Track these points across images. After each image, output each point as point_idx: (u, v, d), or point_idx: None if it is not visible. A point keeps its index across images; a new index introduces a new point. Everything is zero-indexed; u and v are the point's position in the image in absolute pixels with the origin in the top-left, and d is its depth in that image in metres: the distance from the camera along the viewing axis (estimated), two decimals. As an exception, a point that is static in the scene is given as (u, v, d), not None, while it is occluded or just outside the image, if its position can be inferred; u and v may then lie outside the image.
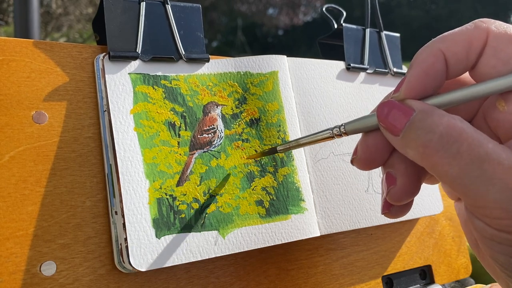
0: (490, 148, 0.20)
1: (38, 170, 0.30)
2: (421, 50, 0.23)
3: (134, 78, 0.33)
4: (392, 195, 0.24)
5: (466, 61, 0.22)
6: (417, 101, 0.22)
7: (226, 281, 0.35)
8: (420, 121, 0.21)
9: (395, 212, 0.25)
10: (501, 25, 0.22)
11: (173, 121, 0.34)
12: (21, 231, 0.28)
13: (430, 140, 0.21)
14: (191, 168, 0.34)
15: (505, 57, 0.21)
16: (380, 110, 0.23)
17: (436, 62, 0.22)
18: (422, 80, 0.22)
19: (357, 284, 0.41)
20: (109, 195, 0.31)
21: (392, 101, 0.23)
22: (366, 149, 0.24)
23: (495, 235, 0.20)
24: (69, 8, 4.59)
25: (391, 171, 0.24)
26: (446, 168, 0.20)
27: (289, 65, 0.40)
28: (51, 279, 0.29)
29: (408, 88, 0.23)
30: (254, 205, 0.35)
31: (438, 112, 0.21)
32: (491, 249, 0.21)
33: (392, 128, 0.22)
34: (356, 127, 0.25)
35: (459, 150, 0.20)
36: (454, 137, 0.20)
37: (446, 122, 0.20)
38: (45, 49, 0.31)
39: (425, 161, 0.21)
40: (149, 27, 0.34)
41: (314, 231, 0.37)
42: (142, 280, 0.32)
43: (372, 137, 0.24)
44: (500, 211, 0.19)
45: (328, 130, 0.27)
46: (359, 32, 0.46)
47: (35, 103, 0.30)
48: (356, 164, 0.25)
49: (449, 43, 0.22)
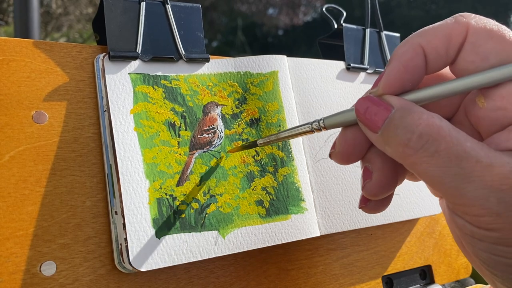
0: (468, 146, 0.20)
1: (38, 170, 0.29)
2: (400, 44, 0.23)
3: (134, 78, 0.33)
4: (367, 190, 0.24)
5: (445, 56, 0.22)
6: (395, 97, 0.22)
7: (226, 281, 0.35)
8: (399, 119, 0.21)
9: (372, 207, 0.25)
10: (481, 19, 0.22)
11: (173, 121, 0.34)
12: (21, 231, 0.28)
13: (409, 139, 0.20)
14: (191, 168, 0.34)
15: (484, 52, 0.21)
16: (359, 106, 0.23)
17: (415, 57, 0.22)
18: (401, 75, 0.22)
19: (357, 284, 0.41)
20: (109, 195, 0.31)
21: (370, 96, 0.23)
22: (344, 143, 0.24)
23: (475, 232, 0.20)
24: (69, 8, 4.59)
25: (368, 166, 0.24)
26: (425, 167, 0.20)
27: (289, 65, 0.40)
28: (51, 279, 0.29)
29: (387, 83, 0.22)
30: (254, 205, 0.35)
31: (417, 109, 0.21)
32: (473, 246, 0.21)
33: (371, 125, 0.22)
34: (335, 121, 0.25)
35: (438, 149, 0.20)
36: (433, 136, 0.20)
37: (425, 121, 0.20)
38: (45, 49, 0.31)
39: (404, 160, 0.21)
40: (149, 27, 0.34)
41: (314, 231, 0.37)
42: (142, 280, 0.32)
43: (350, 132, 0.24)
44: (479, 209, 0.19)
45: (307, 124, 0.27)
46: (359, 32, 0.46)
47: (35, 103, 0.30)
48: (334, 158, 0.25)
49: (429, 38, 0.22)
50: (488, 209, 0.19)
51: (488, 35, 0.21)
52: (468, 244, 0.21)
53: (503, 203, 0.19)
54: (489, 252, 0.20)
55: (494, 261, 0.21)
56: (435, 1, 6.82)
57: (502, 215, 0.19)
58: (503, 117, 0.21)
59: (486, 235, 0.20)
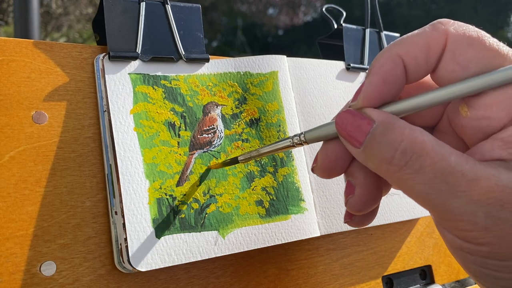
0: (453, 160, 0.19)
1: (38, 170, 0.30)
2: (379, 55, 0.22)
3: (134, 78, 0.33)
4: (350, 205, 0.23)
5: (425, 65, 0.22)
6: (376, 110, 0.22)
7: (226, 281, 0.35)
8: (380, 135, 0.21)
9: (357, 222, 0.25)
10: (460, 26, 0.21)
11: (173, 121, 0.34)
12: (21, 231, 0.28)
13: (393, 156, 0.20)
14: (191, 168, 0.34)
15: (464, 61, 0.21)
16: (339, 121, 0.22)
17: (394, 68, 0.21)
18: (380, 87, 0.21)
19: (357, 284, 0.41)
20: (109, 195, 0.31)
21: (351, 110, 0.22)
22: (325, 157, 0.24)
23: (465, 246, 0.20)
24: (69, 8, 4.59)
25: (351, 180, 0.24)
26: (410, 184, 0.20)
27: (289, 65, 0.40)
28: (51, 279, 0.29)
29: (366, 96, 0.22)
30: (254, 205, 0.35)
31: (399, 124, 0.20)
32: (463, 259, 0.21)
33: (352, 140, 0.22)
34: (316, 135, 0.24)
35: (422, 165, 0.19)
36: (417, 152, 0.20)
37: (408, 137, 0.20)
38: (45, 49, 0.31)
39: (388, 176, 0.21)
40: (149, 27, 0.34)
41: (314, 231, 0.37)
42: (142, 280, 0.32)
43: (331, 146, 0.24)
44: (466, 224, 0.19)
45: (288, 138, 0.26)
46: (359, 32, 0.46)
47: (35, 103, 0.30)
48: (317, 172, 0.24)
49: (407, 47, 0.21)
50: (475, 224, 0.19)
51: (468, 42, 0.21)
52: (458, 257, 0.21)
53: (490, 218, 0.19)
54: (478, 265, 0.20)
55: (484, 274, 0.21)
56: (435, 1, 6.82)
57: (490, 230, 0.19)
58: (486, 126, 0.21)
59: (475, 249, 0.20)
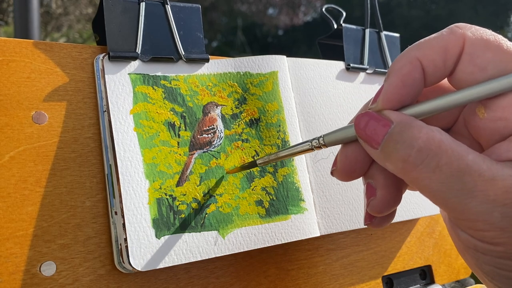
0: (470, 159, 0.19)
1: (38, 170, 0.30)
2: (398, 58, 0.22)
3: (134, 78, 0.33)
4: (372, 207, 0.24)
5: (443, 68, 0.22)
6: (395, 112, 0.22)
7: (226, 281, 0.35)
8: (398, 134, 0.21)
9: (377, 223, 0.25)
10: (477, 30, 0.22)
11: (173, 121, 0.34)
12: (21, 231, 0.28)
13: (409, 154, 0.20)
14: (191, 168, 0.34)
15: (482, 63, 0.21)
16: (358, 122, 0.23)
17: (413, 70, 0.22)
18: (400, 90, 0.22)
19: (357, 284, 0.41)
20: (109, 195, 0.31)
21: (370, 112, 0.22)
22: (345, 160, 0.24)
23: (479, 246, 0.20)
24: (69, 8, 4.59)
25: (371, 182, 0.24)
26: (427, 183, 0.20)
27: (289, 65, 0.40)
28: (51, 279, 0.29)
29: (386, 98, 0.22)
30: (254, 205, 0.35)
31: (417, 123, 0.21)
32: (476, 259, 0.21)
33: (371, 141, 0.22)
34: (335, 138, 0.25)
35: (439, 163, 0.20)
36: (433, 150, 0.20)
37: (425, 135, 0.20)
38: (45, 49, 0.31)
39: (405, 175, 0.21)
40: (148, 27, 0.34)
41: (314, 231, 0.37)
42: (142, 280, 0.32)
43: (351, 148, 0.24)
44: (483, 224, 0.19)
45: (307, 142, 0.27)
46: (358, 32, 0.46)
47: (35, 104, 0.30)
48: (336, 175, 0.25)
49: (426, 51, 0.22)
50: (492, 224, 0.19)
51: (485, 45, 0.21)
52: (472, 257, 0.21)
53: (507, 218, 0.19)
54: (492, 265, 0.20)
55: (497, 274, 0.21)
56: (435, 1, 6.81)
57: (506, 230, 0.19)
58: (503, 127, 0.21)
59: (490, 249, 0.20)
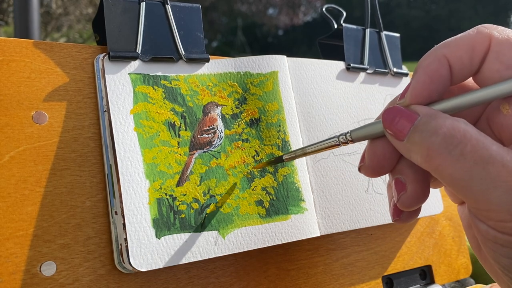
0: (494, 150, 0.20)
1: (38, 170, 0.30)
2: (425, 56, 0.23)
3: (134, 78, 0.33)
4: (403, 201, 0.24)
5: (470, 66, 0.22)
6: (422, 106, 0.22)
7: (226, 281, 0.35)
8: (424, 124, 0.21)
9: (405, 218, 0.25)
10: (503, 30, 0.22)
11: (173, 121, 0.34)
12: (21, 231, 0.28)
13: (433, 142, 0.20)
14: (191, 168, 0.34)
15: (508, 61, 0.21)
16: (386, 116, 0.23)
17: (440, 67, 0.22)
18: (427, 86, 0.22)
19: (357, 284, 0.41)
20: (109, 195, 0.31)
21: (397, 106, 0.23)
22: (373, 156, 0.24)
23: (498, 237, 0.20)
24: (69, 8, 4.59)
25: (400, 178, 0.24)
26: (450, 171, 0.20)
27: (289, 65, 0.40)
28: (51, 279, 0.29)
29: (413, 94, 0.23)
30: (254, 205, 0.35)
31: (442, 115, 0.21)
32: (494, 251, 0.21)
33: (397, 133, 0.22)
34: (362, 134, 0.25)
35: (463, 152, 0.20)
36: (458, 138, 0.20)
37: (450, 124, 0.20)
38: (45, 49, 0.31)
39: (428, 163, 0.21)
40: (149, 27, 0.34)
41: (314, 231, 0.37)
42: (142, 280, 0.32)
43: (379, 144, 0.24)
44: (504, 214, 0.19)
45: (334, 138, 0.27)
46: (359, 32, 0.46)
47: (35, 103, 0.30)
48: (364, 171, 0.25)
49: (453, 49, 0.22)
50: None
51: (511, 44, 0.22)
52: (489, 250, 0.21)
53: None
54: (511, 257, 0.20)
55: None
56: (435, 1, 6.81)
57: None
58: None
59: (510, 240, 0.20)
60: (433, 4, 6.94)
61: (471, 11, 6.02)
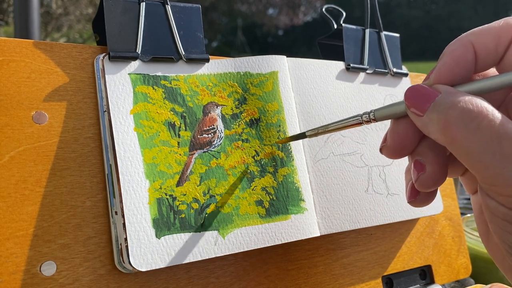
0: (510, 127, 0.20)
1: (38, 170, 0.30)
2: (452, 42, 0.24)
3: (134, 78, 0.33)
4: (421, 182, 0.24)
5: (495, 53, 0.23)
6: (444, 85, 0.23)
7: (226, 281, 0.35)
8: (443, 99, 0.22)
9: (420, 200, 0.26)
10: None
11: (173, 121, 0.34)
12: (21, 231, 0.28)
13: (451, 115, 0.21)
14: (191, 168, 0.34)
15: None
16: (408, 92, 0.24)
17: (466, 52, 0.23)
18: (452, 69, 0.23)
19: (357, 284, 0.41)
20: (109, 195, 0.31)
21: (420, 84, 0.24)
22: (396, 136, 0.25)
23: (508, 214, 0.21)
24: (69, 8, 4.59)
25: (420, 159, 0.25)
26: (465, 144, 0.21)
27: (289, 65, 0.40)
28: (51, 279, 0.29)
29: (438, 75, 0.24)
30: (254, 205, 0.35)
31: (462, 92, 0.22)
32: (502, 229, 0.21)
33: (418, 106, 0.23)
34: (386, 113, 0.26)
35: (479, 125, 0.20)
36: (475, 112, 0.21)
37: (469, 100, 0.21)
38: (45, 49, 0.31)
39: (445, 136, 0.22)
40: (149, 28, 0.34)
41: (314, 231, 0.37)
42: (142, 280, 0.32)
43: (402, 124, 0.25)
44: None
45: (357, 116, 0.28)
46: (358, 33, 0.46)
47: (35, 104, 0.30)
48: (385, 151, 0.26)
49: (479, 36, 0.23)
50: None
51: None
52: (497, 227, 0.22)
53: None
54: None
55: None
56: (435, 1, 6.81)
57: None
58: None
59: None
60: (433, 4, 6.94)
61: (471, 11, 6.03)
